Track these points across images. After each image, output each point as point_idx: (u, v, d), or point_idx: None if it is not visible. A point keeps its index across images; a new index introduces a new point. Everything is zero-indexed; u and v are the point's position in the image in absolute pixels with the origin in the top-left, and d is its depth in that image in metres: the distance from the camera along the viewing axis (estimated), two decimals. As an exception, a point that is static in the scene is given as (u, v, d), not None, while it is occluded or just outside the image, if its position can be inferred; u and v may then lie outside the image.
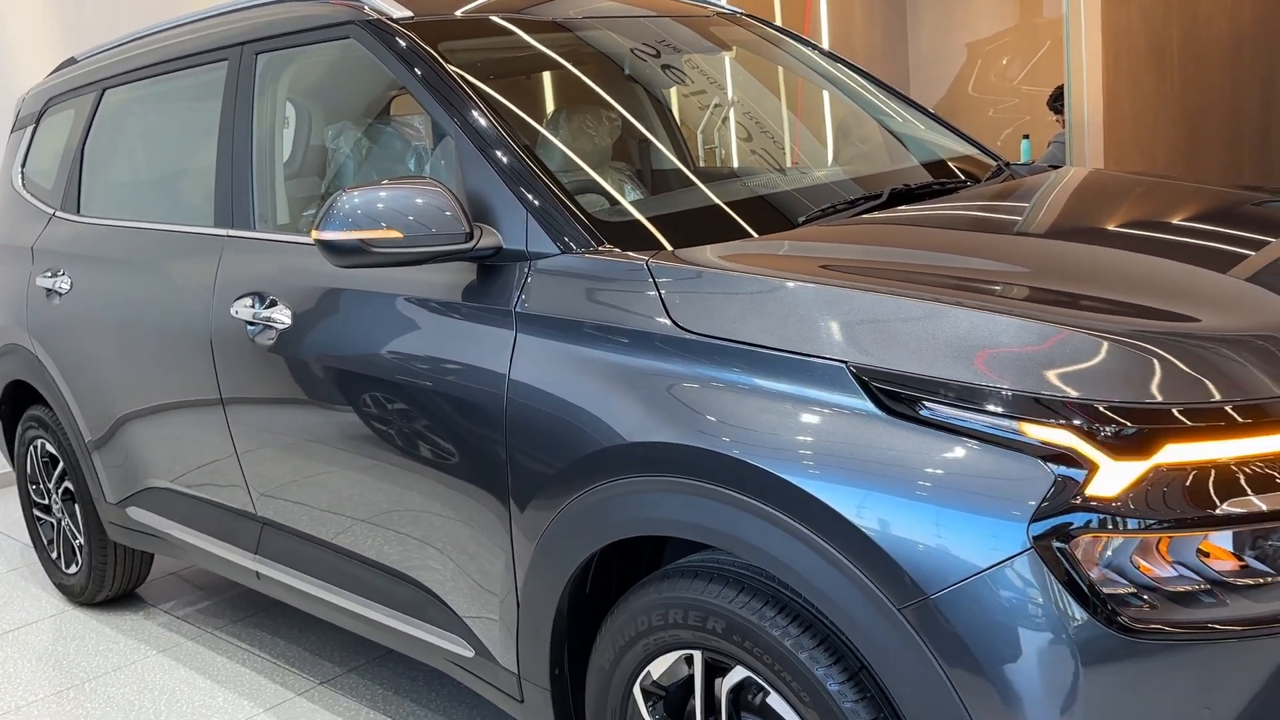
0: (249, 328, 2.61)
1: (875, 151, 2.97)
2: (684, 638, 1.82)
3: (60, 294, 3.37)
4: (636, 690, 1.92)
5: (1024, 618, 1.43)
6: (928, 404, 1.54)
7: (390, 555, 2.44)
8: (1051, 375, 1.49)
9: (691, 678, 1.87)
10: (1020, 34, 9.28)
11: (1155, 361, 1.49)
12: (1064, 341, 1.55)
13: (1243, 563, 1.43)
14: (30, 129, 3.80)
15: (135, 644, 3.45)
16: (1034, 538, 1.42)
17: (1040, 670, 1.43)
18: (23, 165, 3.80)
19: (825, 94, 3.31)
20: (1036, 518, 1.42)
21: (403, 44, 2.38)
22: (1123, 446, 1.42)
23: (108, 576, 3.63)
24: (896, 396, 1.56)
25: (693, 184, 2.88)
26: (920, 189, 2.45)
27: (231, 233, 2.77)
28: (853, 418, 1.59)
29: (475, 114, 2.21)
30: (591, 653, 2.01)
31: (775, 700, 1.72)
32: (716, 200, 2.31)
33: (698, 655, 1.82)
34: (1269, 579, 1.42)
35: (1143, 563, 1.42)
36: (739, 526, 1.67)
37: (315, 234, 2.07)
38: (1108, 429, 1.43)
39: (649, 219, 2.15)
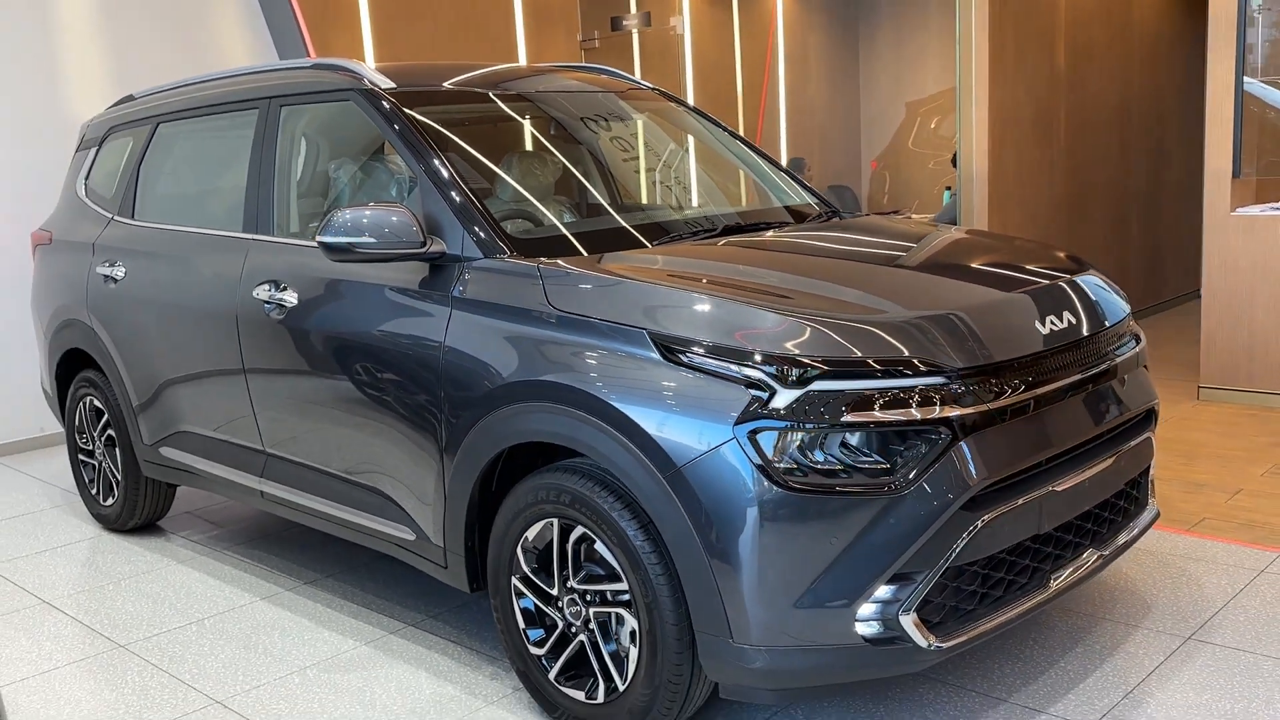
0: (265, 306, 3.58)
1: (734, 197, 3.99)
2: (547, 510, 2.78)
3: (116, 280, 4.34)
4: (519, 550, 2.88)
5: (730, 481, 2.40)
6: (688, 354, 2.51)
7: (358, 471, 3.40)
8: (754, 336, 2.48)
9: (552, 539, 2.83)
10: (953, 96, 10.34)
11: (811, 330, 2.47)
12: (763, 318, 2.53)
13: (862, 453, 2.40)
14: (94, 150, 4.79)
15: (159, 557, 4.40)
16: (737, 431, 2.40)
17: (739, 513, 2.40)
18: (86, 178, 4.79)
19: (704, 150, 4.33)
20: (739, 419, 2.40)
21: (387, 106, 3.37)
22: (789, 380, 2.40)
23: (139, 506, 4.59)
24: (672, 350, 2.54)
25: (594, 214, 3.89)
26: (747, 225, 3.46)
27: (256, 236, 3.76)
28: (647, 363, 2.57)
29: (432, 159, 3.20)
30: (491, 528, 2.97)
31: (599, 546, 2.69)
32: (593, 228, 3.31)
33: (555, 521, 2.78)
34: (877, 463, 2.39)
35: (801, 449, 2.39)
36: (580, 431, 2.65)
37: (318, 238, 3.05)
38: (783, 369, 2.41)
39: (544, 238, 3.15)
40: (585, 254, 3.03)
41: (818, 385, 2.40)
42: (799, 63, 10.60)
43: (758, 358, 2.44)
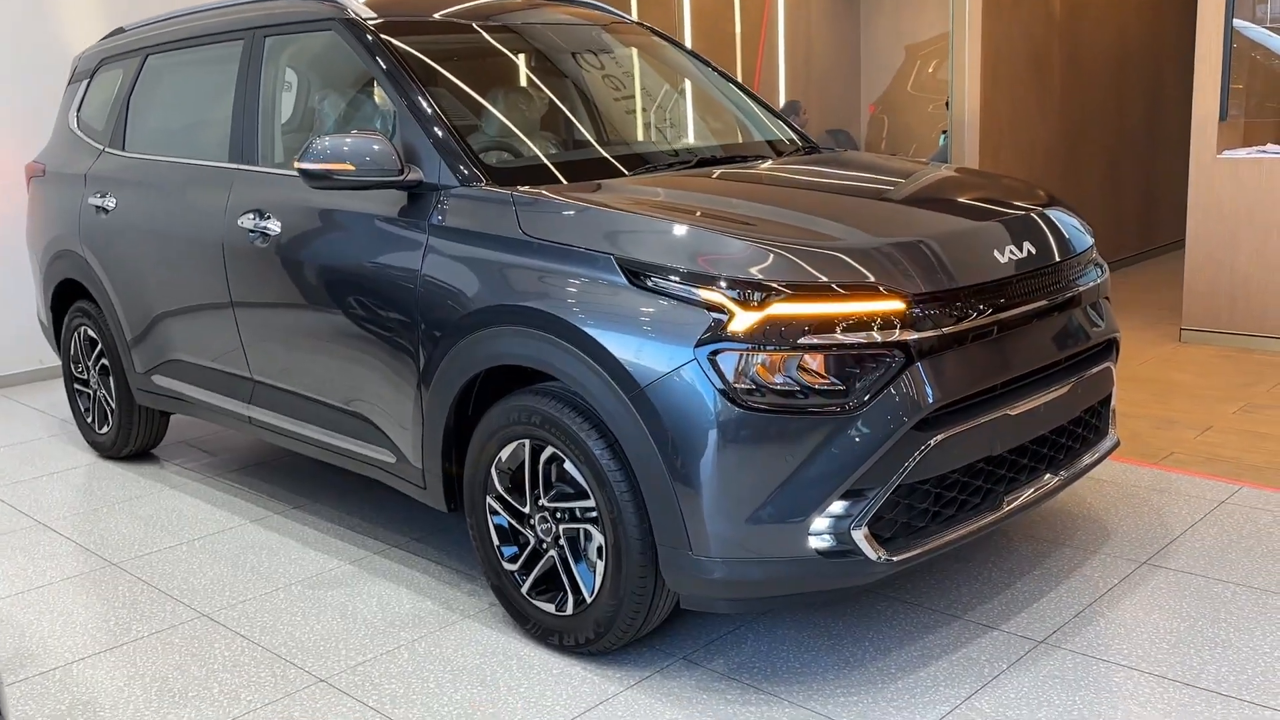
0: (250, 235, 3.65)
1: (716, 133, 4.04)
2: (519, 431, 2.88)
3: (107, 210, 4.41)
4: (493, 470, 2.98)
5: (690, 401, 2.49)
6: (653, 278, 2.59)
7: (341, 396, 3.50)
8: (716, 261, 2.55)
9: (524, 459, 2.93)
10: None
11: (772, 255, 2.55)
12: (723, 243, 2.61)
13: (818, 374, 2.48)
14: (85, 82, 4.84)
15: (152, 482, 4.51)
16: (697, 353, 2.48)
17: (699, 432, 2.49)
18: (78, 110, 4.84)
19: (688, 85, 4.37)
20: (699, 340, 2.48)
21: (369, 37, 3.42)
22: (748, 303, 2.48)
23: (133, 434, 4.69)
24: (637, 275, 2.61)
25: (569, 147, 3.95)
26: (724, 158, 3.53)
27: (241, 167, 3.82)
28: (614, 288, 2.64)
29: (411, 89, 3.25)
30: (468, 450, 3.07)
31: (568, 465, 2.78)
32: (570, 158, 3.38)
33: (527, 442, 2.88)
34: (833, 384, 2.47)
35: (759, 371, 2.47)
36: (550, 354, 2.73)
37: (297, 164, 3.12)
38: (740, 292, 2.48)
39: (521, 168, 3.22)
40: (563, 183, 3.09)
41: (776, 308, 2.48)
42: (798, 5, 10.54)
43: (719, 282, 2.51)
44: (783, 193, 3.24)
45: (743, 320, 2.48)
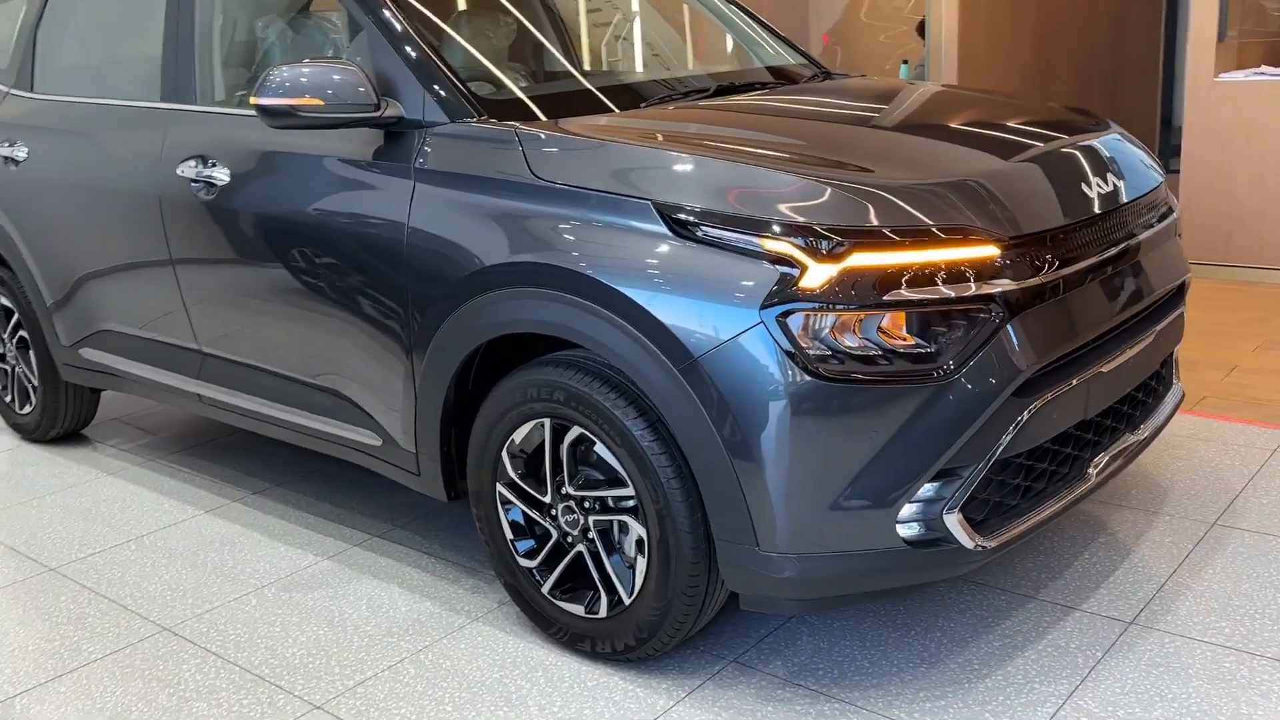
0: (192, 185, 3.15)
1: (726, 57, 3.60)
2: (538, 409, 2.46)
3: (17, 161, 3.84)
4: (504, 454, 2.57)
5: (755, 372, 2.10)
6: (703, 228, 2.18)
7: (311, 371, 3.04)
8: (781, 207, 2.15)
9: (543, 441, 2.52)
10: (906, -35, 9.89)
11: (847, 197, 2.16)
12: (789, 183, 2.21)
13: (904, 336, 2.11)
14: (-19, 14, 4.21)
15: (87, 469, 4.00)
16: (764, 315, 2.09)
17: (767, 408, 2.10)
18: (-26, 47, 4.21)
19: (688, 9, 3.92)
20: (765, 302, 2.09)
21: (326, -49, 2.91)
22: (824, 254, 2.09)
23: (60, 414, 4.16)
24: (683, 223, 2.20)
25: (570, 75, 3.49)
26: (743, 85, 3.10)
27: (176, 106, 3.29)
28: (653, 239, 2.23)
29: (384, 9, 2.76)
30: (471, 432, 2.64)
31: (599, 448, 2.38)
32: (581, 86, 2.93)
33: (547, 422, 2.47)
34: (919, 347, 2.10)
35: (837, 334, 2.09)
36: (576, 320, 2.31)
37: (254, 100, 2.63)
38: (814, 242, 2.09)
39: (521, 98, 2.76)
40: (567, 116, 2.65)
41: (857, 259, 2.09)
42: (745, -71, 10.05)
43: (786, 229, 2.12)
44: (829, 127, 2.83)
45: (817, 274, 2.08)
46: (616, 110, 2.77)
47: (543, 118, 2.62)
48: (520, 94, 2.86)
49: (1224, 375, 4.19)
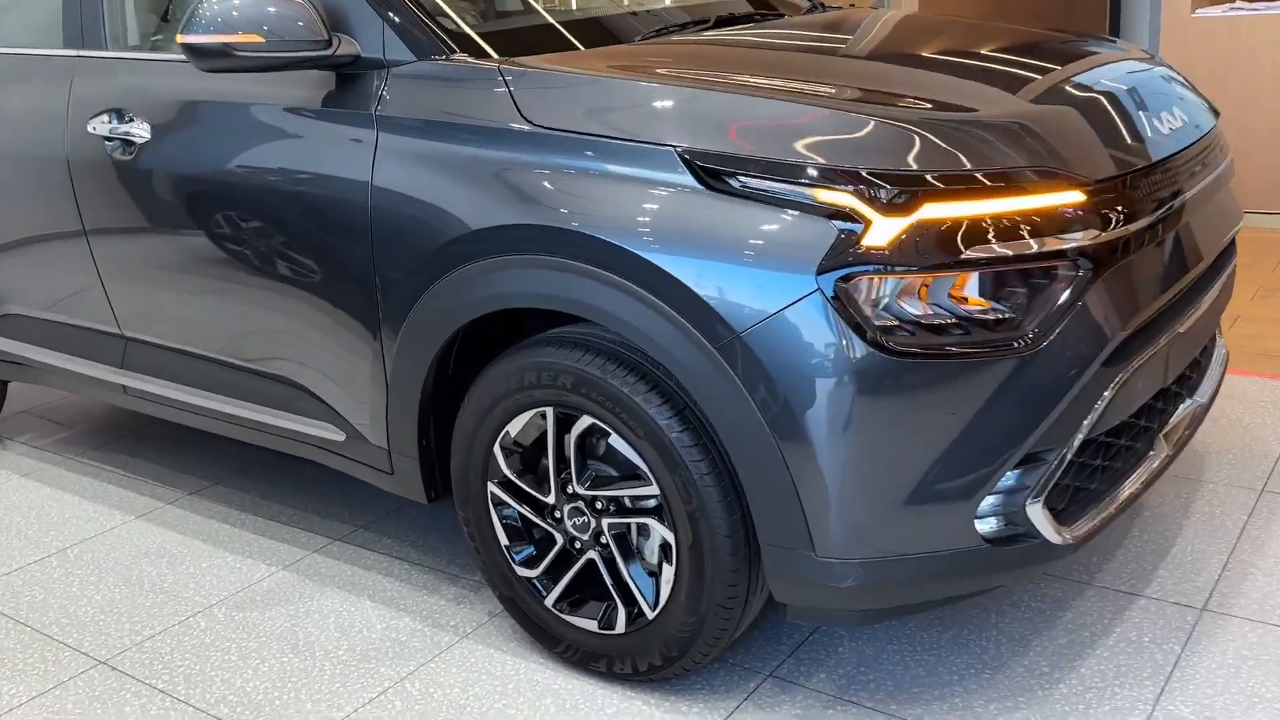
0: (107, 144, 2.70)
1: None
2: (538, 396, 2.10)
3: (-106, 122, 3.32)
4: (497, 449, 2.21)
5: (812, 349, 1.77)
6: (740, 178, 1.83)
7: (258, 358, 2.63)
8: (836, 151, 1.81)
9: (545, 433, 2.16)
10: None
11: (915, 138, 1.83)
12: (845, 123, 1.87)
13: (982, 301, 1.79)
14: None
15: (-5, 471, 3.53)
16: (821, 281, 1.75)
17: (827, 390, 1.77)
18: None
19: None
20: (823, 264, 1.75)
21: None
22: (891, 206, 1.76)
23: (-40, 410, 3.67)
24: (715, 174, 1.85)
25: (550, 8, 3.08)
26: (741, 16, 2.74)
27: (83, 53, 2.83)
28: (679, 193, 1.88)
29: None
30: (455, 424, 2.28)
31: (615, 440, 2.03)
32: (567, 18, 2.54)
33: (549, 411, 2.11)
34: (1000, 313, 1.79)
35: (906, 301, 1.77)
36: (585, 291, 1.95)
37: (180, 38, 2.20)
38: (879, 192, 1.76)
39: (501, 31, 2.36)
40: (555, 51, 2.27)
41: (929, 210, 1.76)
42: None
43: (844, 176, 1.78)
44: (856, 62, 2.47)
45: (883, 230, 1.75)
46: (602, 46, 2.39)
47: (525, 56, 2.24)
48: (493, 26, 2.47)
49: (1229, 326, 3.98)
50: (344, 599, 2.62)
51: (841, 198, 1.76)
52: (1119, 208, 1.91)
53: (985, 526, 1.88)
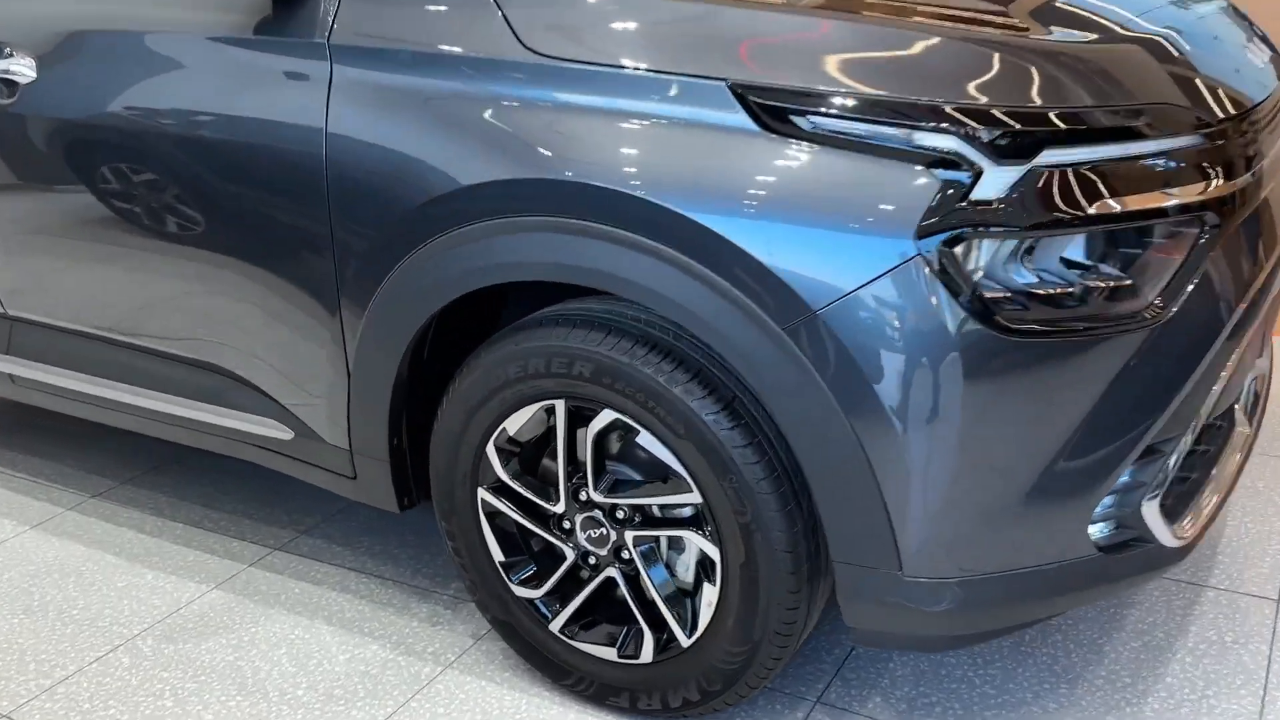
0: (-20, 86, 2.21)
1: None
2: (546, 387, 1.74)
3: None
4: (491, 449, 1.84)
5: (907, 324, 1.45)
6: (811, 117, 1.49)
7: (181, 343, 2.20)
8: (938, 82, 1.48)
9: (549, 431, 1.80)
10: None
11: (1031, 67, 1.51)
12: (949, 50, 1.53)
13: (1107, 265, 1.49)
14: None
15: None
16: (920, 245, 1.43)
17: (923, 372, 1.46)
18: None
19: None
20: (923, 224, 1.42)
21: None
22: (1005, 150, 1.43)
23: None
24: (779, 112, 1.50)
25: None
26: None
27: (-57, -26, 2.31)
28: (733, 137, 1.52)
29: None
30: (437, 418, 1.90)
31: (645, 439, 1.69)
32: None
33: (560, 405, 1.75)
34: (1117, 279, 1.49)
35: (1020, 267, 1.46)
36: (612, 261, 1.59)
37: (80, -53, 1.74)
38: (991, 133, 1.44)
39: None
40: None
41: (1049, 156, 1.44)
42: None
43: (948, 116, 1.44)
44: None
45: (997, 181, 1.43)
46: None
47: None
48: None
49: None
50: (294, 623, 2.22)
51: (945, 140, 1.43)
52: (1240, 153, 1.63)
53: (1096, 532, 1.60)
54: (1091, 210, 1.45)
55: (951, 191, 1.42)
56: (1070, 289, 1.47)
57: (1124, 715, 1.83)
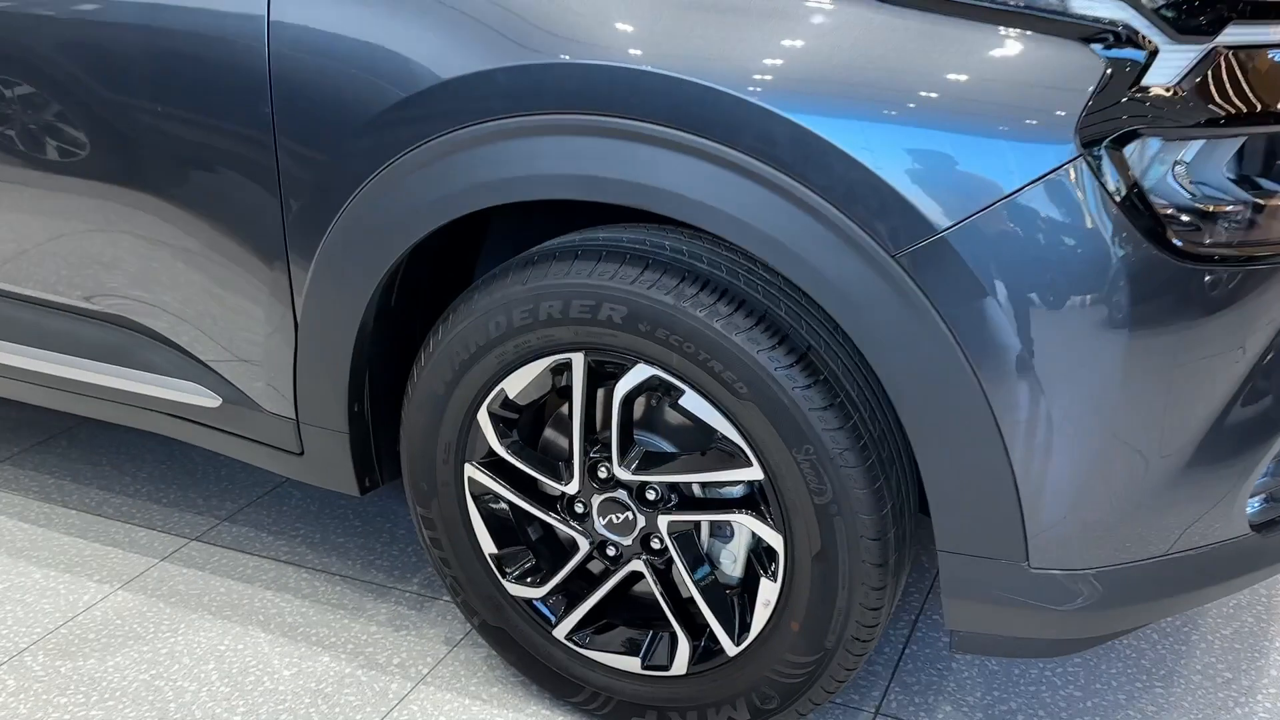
0: None
1: None
2: (560, 338, 1.38)
3: None
4: (483, 416, 1.47)
5: (1060, 247, 1.13)
6: (929, -21, 1.15)
7: (75, 292, 1.77)
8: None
9: (558, 394, 1.45)
10: None
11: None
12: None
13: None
14: None
15: None
16: (1081, 144, 1.11)
17: (1075, 308, 1.14)
18: None
19: None
20: (1084, 118, 1.10)
21: None
22: (1183, 22, 1.12)
23: None
24: (885, -28, 1.16)
25: None
26: None
27: None
28: (838, 7, 1.18)
29: None
30: (412, 378, 1.52)
31: (691, 400, 1.34)
32: None
33: (578, 359, 1.39)
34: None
35: (1200, 176, 1.15)
36: (666, 173, 1.24)
37: None
38: (1169, 5, 1.12)
39: None
40: None
41: (1235, 34, 1.13)
42: None
43: (1113, -21, 1.12)
44: None
45: (1172, 63, 1.12)
46: None
47: None
48: None
49: None
50: (223, 631, 1.82)
51: (1112, 7, 1.11)
52: None
53: (1251, 508, 1.31)
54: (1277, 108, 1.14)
55: (1119, 77, 1.11)
56: (1260, 206, 1.17)
57: (1235, 716, 1.57)
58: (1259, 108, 1.13)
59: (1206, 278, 1.15)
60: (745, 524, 1.38)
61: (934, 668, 1.68)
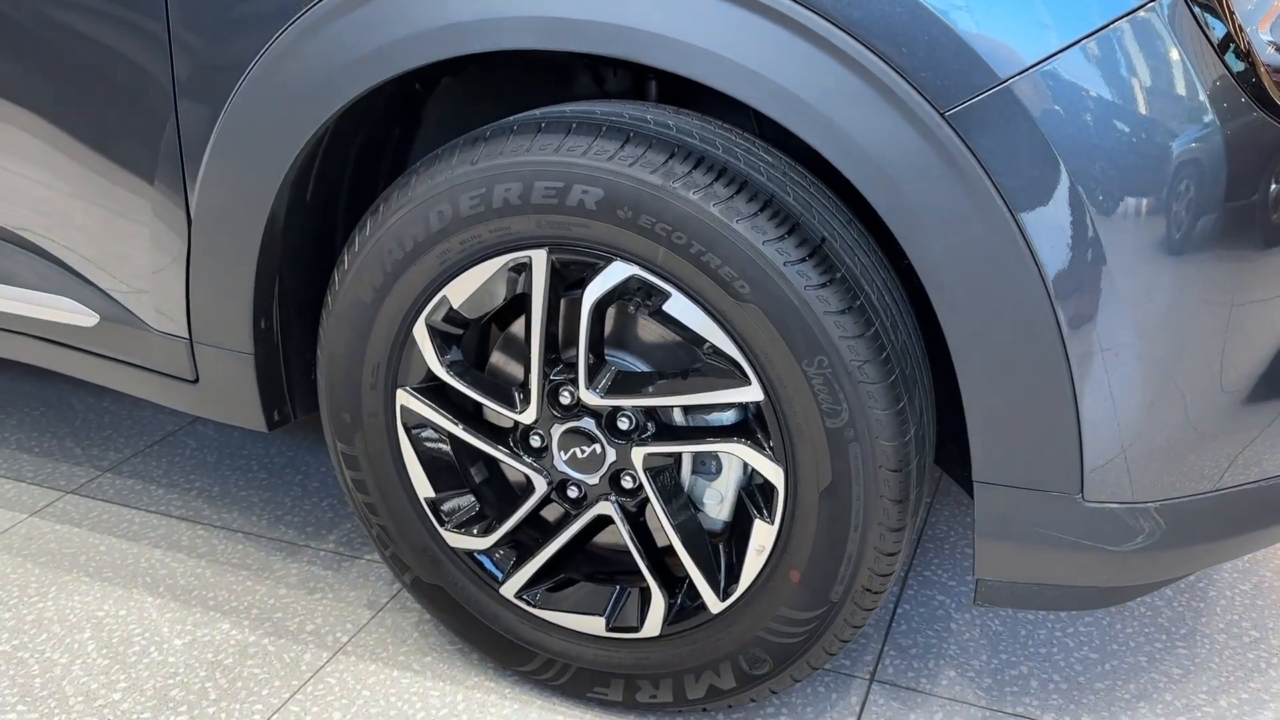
0: None
1: None
2: (519, 230, 1.13)
3: None
4: (420, 330, 1.22)
5: (1145, 103, 0.93)
6: None
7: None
8: None
9: (510, 304, 1.20)
10: None
11: None
12: None
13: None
14: None
15: None
16: (1174, -21, 0.90)
17: (1163, 178, 0.94)
18: None
19: None
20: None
21: None
22: None
23: None
24: None
25: None
26: None
27: None
28: None
29: None
30: (332, 284, 1.26)
31: (678, 304, 1.11)
32: None
33: (539, 256, 1.15)
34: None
35: (1301, 23, 0.96)
36: (650, 12, 1.00)
37: None
38: None
39: None
40: None
41: None
42: None
43: None
44: None
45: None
46: None
47: None
48: None
49: None
50: (103, 595, 1.54)
51: None
52: None
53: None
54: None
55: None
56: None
57: (1269, 680, 1.40)
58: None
59: (1307, 147, 0.96)
60: (738, 455, 1.16)
61: (931, 629, 1.48)
